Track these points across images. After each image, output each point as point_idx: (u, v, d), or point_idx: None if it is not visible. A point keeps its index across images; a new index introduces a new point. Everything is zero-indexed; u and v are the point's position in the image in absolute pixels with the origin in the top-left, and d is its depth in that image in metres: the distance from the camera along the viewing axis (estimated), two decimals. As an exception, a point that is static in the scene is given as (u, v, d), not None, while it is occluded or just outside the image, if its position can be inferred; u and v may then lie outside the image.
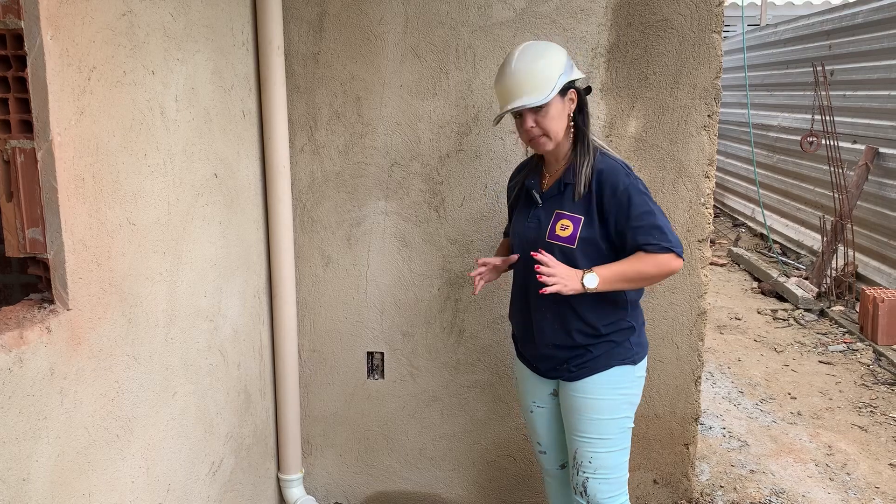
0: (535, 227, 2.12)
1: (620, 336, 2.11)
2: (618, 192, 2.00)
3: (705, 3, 2.47)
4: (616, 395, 2.11)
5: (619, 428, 2.13)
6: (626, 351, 2.12)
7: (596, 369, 2.09)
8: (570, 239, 2.04)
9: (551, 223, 2.07)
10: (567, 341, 2.11)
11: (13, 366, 1.38)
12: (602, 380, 2.10)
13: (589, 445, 2.12)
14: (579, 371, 2.11)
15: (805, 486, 3.26)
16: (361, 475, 2.97)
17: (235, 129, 2.38)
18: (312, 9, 2.61)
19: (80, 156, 1.56)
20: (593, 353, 2.09)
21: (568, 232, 2.04)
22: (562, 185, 2.08)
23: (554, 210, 2.08)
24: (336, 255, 2.78)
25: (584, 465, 2.13)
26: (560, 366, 2.14)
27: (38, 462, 1.46)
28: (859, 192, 5.87)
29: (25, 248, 1.51)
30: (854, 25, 6.38)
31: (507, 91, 2.03)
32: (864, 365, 4.66)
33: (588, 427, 2.11)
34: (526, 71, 2.00)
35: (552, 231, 2.07)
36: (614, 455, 2.14)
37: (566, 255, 2.04)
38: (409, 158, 2.68)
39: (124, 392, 1.76)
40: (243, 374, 2.49)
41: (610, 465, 2.13)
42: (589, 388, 2.10)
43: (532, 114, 2.01)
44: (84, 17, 1.56)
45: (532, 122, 2.02)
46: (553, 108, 2.01)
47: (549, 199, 2.12)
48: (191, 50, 2.05)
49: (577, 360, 2.11)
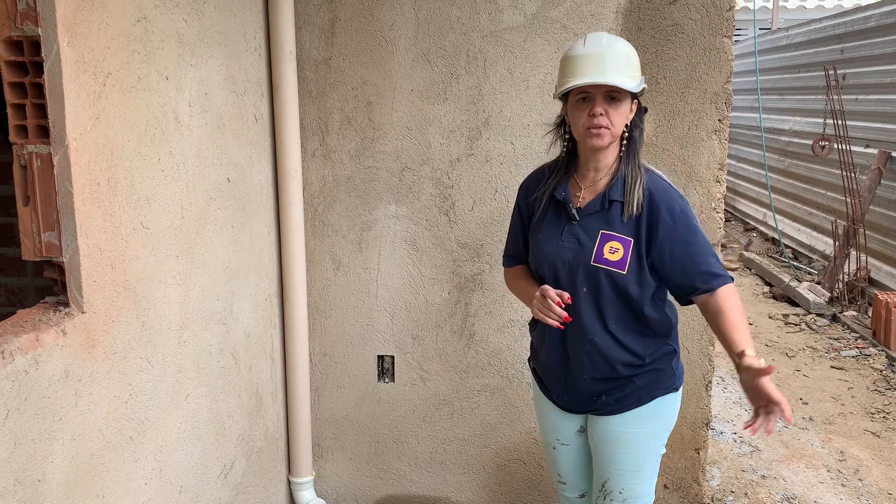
0: (573, 246, 1.89)
1: (664, 363, 1.96)
2: (675, 215, 1.83)
3: (716, 8, 2.47)
4: (658, 426, 1.98)
5: (655, 457, 2.01)
6: (669, 378, 1.97)
7: (640, 401, 1.93)
8: (621, 264, 1.84)
9: (597, 244, 1.86)
10: (609, 373, 1.92)
11: (29, 368, 1.40)
12: (646, 412, 1.94)
13: (622, 477, 1.99)
14: (619, 404, 1.94)
15: (817, 492, 3.24)
16: (372, 478, 2.98)
17: (248, 133, 2.40)
18: (324, 14, 2.62)
19: (95, 160, 1.58)
20: (637, 384, 1.93)
21: (618, 256, 1.84)
22: (606, 202, 1.87)
23: (599, 230, 1.87)
24: (347, 259, 2.80)
25: (615, 494, 2.01)
26: (596, 398, 1.96)
27: (54, 463, 1.47)
28: (872, 196, 5.83)
29: (41, 252, 1.53)
30: (866, 29, 6.35)
31: (595, 64, 1.78)
32: (877, 370, 4.63)
33: (624, 460, 1.98)
34: (621, 54, 1.81)
35: (599, 254, 1.85)
36: (646, 483, 2.02)
37: (615, 280, 1.85)
38: (420, 163, 2.69)
39: (138, 394, 1.78)
40: (255, 377, 2.51)
41: (642, 494, 2.02)
42: (631, 422, 1.95)
43: (605, 101, 1.80)
44: (100, 24, 1.58)
45: (603, 109, 1.79)
46: (625, 105, 1.83)
47: (588, 217, 1.89)
48: (204, 56, 2.07)
49: (617, 392, 1.94)
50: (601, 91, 1.79)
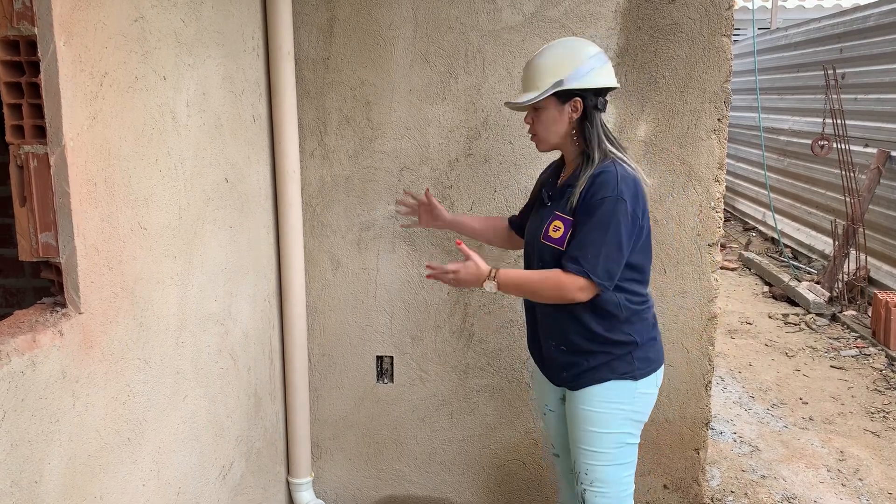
0: (537, 226, 2.13)
1: (620, 349, 2.05)
2: (594, 198, 1.95)
3: (715, 7, 2.46)
4: (612, 409, 2.06)
5: (617, 443, 2.07)
6: (626, 365, 2.05)
7: (593, 381, 2.06)
8: (560, 241, 2.02)
9: (546, 224, 2.07)
10: (566, 343, 2.09)
11: (26, 369, 1.39)
12: (597, 391, 2.06)
13: (585, 456, 2.09)
14: (576, 381, 2.09)
15: (817, 492, 3.24)
16: (371, 479, 2.97)
17: (246, 133, 2.39)
18: (322, 14, 2.62)
19: (92, 161, 1.57)
20: (590, 364, 2.06)
21: (559, 234, 2.02)
22: (566, 188, 2.07)
23: (554, 211, 2.08)
24: (346, 260, 2.79)
25: (582, 475, 2.11)
26: (562, 372, 2.13)
27: (51, 465, 1.46)
28: (871, 195, 5.83)
29: (38, 253, 1.52)
30: (865, 28, 6.36)
31: (522, 81, 2.10)
32: (877, 370, 4.63)
33: (584, 438, 2.09)
34: (532, 66, 2.05)
35: (546, 231, 2.06)
36: (610, 470, 2.08)
37: (556, 255, 2.02)
38: (419, 163, 2.69)
39: (135, 395, 1.77)
40: (253, 378, 2.50)
41: (606, 480, 2.08)
42: (586, 399, 2.07)
43: (532, 111, 2.07)
44: (97, 24, 1.57)
45: (529, 119, 2.09)
46: (546, 112, 2.03)
47: (553, 201, 2.12)
48: (202, 55, 2.07)
49: (575, 368, 2.08)
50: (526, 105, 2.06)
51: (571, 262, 1.95)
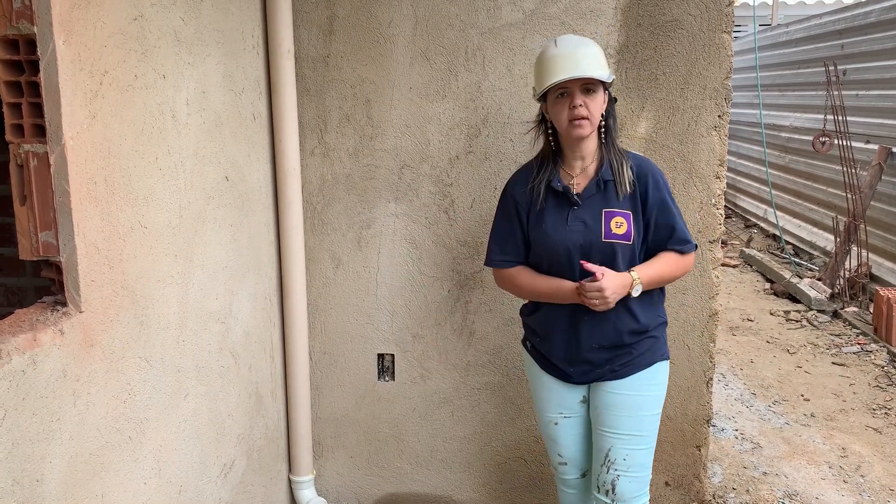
0: (581, 229, 2.06)
1: (659, 331, 2.17)
2: (659, 185, 2.08)
3: (715, 4, 2.46)
4: (657, 391, 2.16)
5: (654, 424, 2.16)
6: (663, 346, 2.18)
7: (642, 365, 2.12)
8: (627, 236, 2.04)
9: (604, 222, 2.05)
10: (616, 341, 2.10)
11: (27, 368, 1.39)
12: (646, 376, 2.13)
13: (625, 442, 2.12)
14: (624, 369, 2.12)
15: (819, 489, 3.24)
16: (372, 477, 2.97)
17: (246, 132, 2.39)
18: (322, 12, 2.62)
19: (92, 159, 1.57)
20: (639, 350, 2.12)
21: (623, 229, 2.04)
22: (601, 183, 2.07)
23: (601, 209, 2.06)
24: (346, 258, 2.79)
25: (618, 462, 2.13)
26: (600, 367, 2.13)
27: (52, 463, 1.47)
28: (872, 192, 5.82)
29: (38, 252, 1.52)
30: (867, 24, 6.34)
31: (569, 62, 1.97)
32: (879, 366, 4.63)
33: (627, 424, 2.12)
34: (590, 50, 2.02)
35: (607, 230, 2.04)
36: (645, 453, 2.15)
37: (625, 251, 2.05)
38: (419, 161, 2.69)
39: (136, 394, 1.77)
40: (254, 376, 2.50)
41: (641, 464, 2.15)
42: (634, 385, 2.12)
43: (582, 94, 1.99)
44: (96, 22, 1.57)
45: (581, 100, 1.98)
46: (599, 95, 2.03)
47: (588, 199, 2.07)
48: (201, 54, 2.07)
49: (621, 359, 2.12)
50: (578, 85, 1.99)
51: (680, 243, 2.08)
